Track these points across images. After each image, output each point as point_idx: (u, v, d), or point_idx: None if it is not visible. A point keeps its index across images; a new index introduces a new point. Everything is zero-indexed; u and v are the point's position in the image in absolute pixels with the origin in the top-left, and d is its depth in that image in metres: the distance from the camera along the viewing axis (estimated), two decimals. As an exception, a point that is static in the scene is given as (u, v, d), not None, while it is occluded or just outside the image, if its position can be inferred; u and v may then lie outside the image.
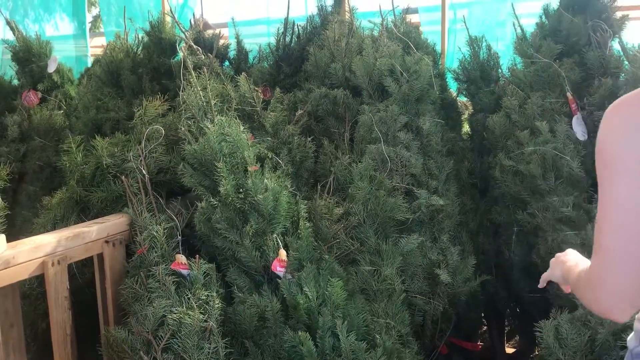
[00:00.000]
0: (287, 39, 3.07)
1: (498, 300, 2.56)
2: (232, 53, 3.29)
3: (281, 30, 3.08)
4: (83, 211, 1.84)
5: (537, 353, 1.98)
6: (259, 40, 3.42)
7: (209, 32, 3.23)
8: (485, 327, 2.82)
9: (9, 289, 1.47)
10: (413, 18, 4.27)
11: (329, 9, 3.14)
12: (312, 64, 2.60)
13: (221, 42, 3.21)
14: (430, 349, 2.20)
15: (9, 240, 1.47)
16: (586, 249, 2.08)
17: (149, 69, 3.12)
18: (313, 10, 3.22)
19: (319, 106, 2.48)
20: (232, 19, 3.22)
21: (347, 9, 3.14)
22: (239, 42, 3.25)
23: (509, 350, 2.87)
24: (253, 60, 3.29)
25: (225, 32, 3.76)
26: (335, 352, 1.61)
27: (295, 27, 3.07)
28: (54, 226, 1.82)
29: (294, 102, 2.57)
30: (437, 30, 4.97)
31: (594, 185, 2.33)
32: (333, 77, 2.55)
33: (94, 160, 1.83)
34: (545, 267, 2.22)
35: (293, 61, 3.01)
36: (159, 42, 3.20)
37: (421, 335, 2.15)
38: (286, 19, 3.08)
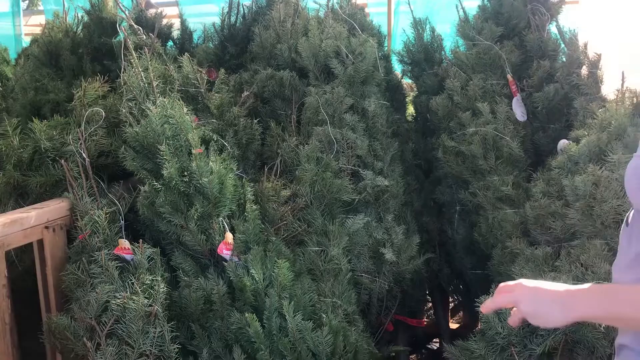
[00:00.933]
0: (232, 18, 3.03)
1: (442, 277, 2.64)
2: (176, 33, 3.22)
3: (226, 9, 3.04)
4: (21, 196, 1.79)
5: (479, 328, 2.05)
6: (208, 19, 3.35)
7: (152, 11, 3.14)
8: (430, 304, 2.91)
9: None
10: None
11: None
12: (258, 45, 2.59)
13: (164, 21, 3.13)
14: (376, 326, 2.25)
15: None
16: (524, 226, 2.17)
17: (90, 49, 3.02)
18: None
19: (265, 88, 2.47)
20: (177, -1, 3.14)
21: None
22: (182, 22, 3.18)
23: (453, 326, 2.96)
24: (198, 40, 3.23)
25: (171, 11, 3.67)
26: (282, 332, 1.63)
27: (241, 6, 3.02)
28: (-11, 212, 1.76)
29: (239, 83, 2.55)
30: (383, 12, 5.02)
31: (532, 165, 2.42)
32: (279, 59, 2.54)
33: (32, 144, 1.78)
34: (486, 244, 2.31)
35: (239, 41, 2.97)
36: (100, 22, 3.10)
37: (367, 314, 2.20)
38: (230, 3, 3.03)
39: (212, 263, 1.74)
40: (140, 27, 2.23)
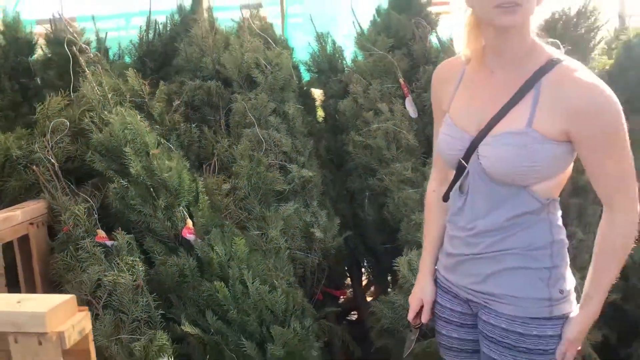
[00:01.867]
0: (150, 36, 3.34)
1: (358, 254, 3.12)
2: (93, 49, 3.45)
3: (144, 27, 3.34)
4: (-5, 201, 2.02)
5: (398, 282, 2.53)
6: (115, 34, 3.60)
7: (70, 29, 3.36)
8: (349, 281, 3.38)
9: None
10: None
11: (187, 7, 3.45)
12: (183, 59, 2.93)
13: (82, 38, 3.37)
14: (309, 296, 2.68)
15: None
16: (422, 203, 2.70)
17: (7, 68, 3.20)
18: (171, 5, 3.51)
19: (195, 97, 2.82)
20: (93, 17, 3.38)
21: (204, 6, 3.47)
22: (99, 39, 3.43)
23: (369, 298, 3.45)
24: (114, 56, 3.48)
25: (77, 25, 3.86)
26: (244, 296, 2.02)
27: (158, 25, 3.34)
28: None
29: (168, 94, 2.87)
30: (277, 24, 5.48)
31: (425, 152, 2.96)
32: (204, 70, 2.90)
33: (2, 153, 2.01)
34: (394, 219, 2.82)
35: (157, 57, 3.29)
36: (15, 41, 3.28)
37: (303, 285, 2.62)
38: (148, 18, 3.34)
39: (177, 245, 2.08)
40: (87, 46, 2.49)
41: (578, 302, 1.41)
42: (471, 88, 1.39)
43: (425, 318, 1.62)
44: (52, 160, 2.02)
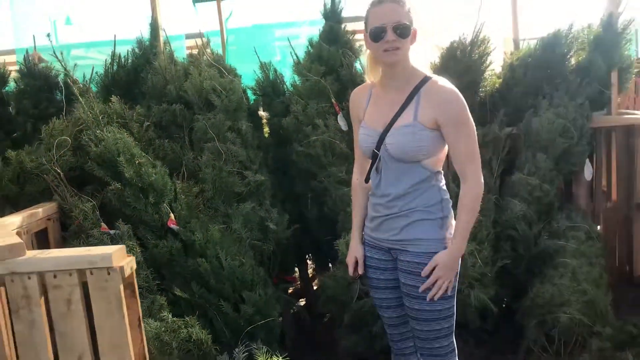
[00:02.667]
0: (114, 67, 3.88)
1: (305, 247, 3.75)
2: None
3: (109, 60, 3.88)
4: (13, 206, 2.52)
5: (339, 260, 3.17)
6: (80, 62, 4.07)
7: (42, 64, 3.85)
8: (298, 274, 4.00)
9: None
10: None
11: (146, 42, 4.01)
12: (150, 87, 3.50)
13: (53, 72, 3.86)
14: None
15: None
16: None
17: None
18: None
19: (162, 118, 3.39)
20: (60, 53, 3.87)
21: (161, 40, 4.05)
22: (67, 73, 3.93)
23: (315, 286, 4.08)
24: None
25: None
26: (220, 269, 2.61)
27: (121, 58, 3.88)
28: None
29: (137, 116, 3.42)
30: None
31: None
32: (169, 96, 3.48)
33: (18, 165, 2.53)
34: (333, 213, 3.47)
35: (122, 85, 3.83)
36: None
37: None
38: (113, 52, 3.88)
39: (164, 234, 2.65)
40: (77, 79, 3.02)
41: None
42: (378, 101, 2.09)
43: (360, 270, 2.27)
44: (58, 170, 2.55)
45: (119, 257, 1.68)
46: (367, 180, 2.19)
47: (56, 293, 1.66)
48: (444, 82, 2.00)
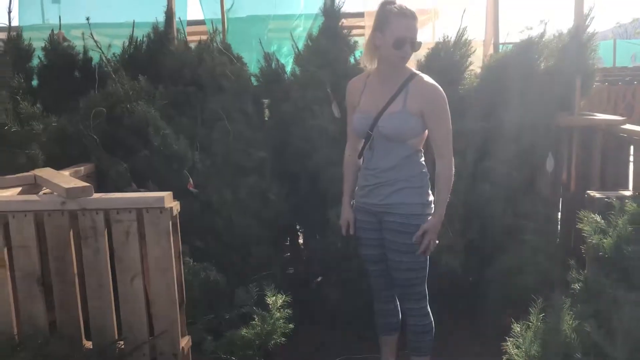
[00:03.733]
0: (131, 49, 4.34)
1: (297, 219, 4.26)
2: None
3: (127, 44, 4.34)
4: (56, 166, 2.99)
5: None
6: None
7: (65, 44, 4.30)
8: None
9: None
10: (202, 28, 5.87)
11: (161, 27, 4.47)
12: (168, 69, 3.96)
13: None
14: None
15: None
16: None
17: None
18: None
19: (178, 98, 3.87)
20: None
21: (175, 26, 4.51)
22: (85, 52, 4.36)
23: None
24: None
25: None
26: (232, 227, 3.10)
27: (139, 41, 4.34)
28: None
29: (159, 95, 3.89)
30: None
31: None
32: (184, 78, 3.95)
33: (61, 130, 3.00)
34: (324, 192, 3.98)
35: (139, 66, 4.29)
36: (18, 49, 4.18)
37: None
38: (131, 35, 4.33)
39: (184, 195, 3.14)
40: (109, 59, 3.48)
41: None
42: (372, 90, 2.60)
43: (352, 230, 2.82)
44: (94, 136, 3.02)
45: (169, 200, 2.18)
46: (359, 156, 2.73)
47: (118, 226, 2.15)
48: (428, 78, 2.58)
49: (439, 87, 2.53)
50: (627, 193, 2.47)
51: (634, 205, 1.67)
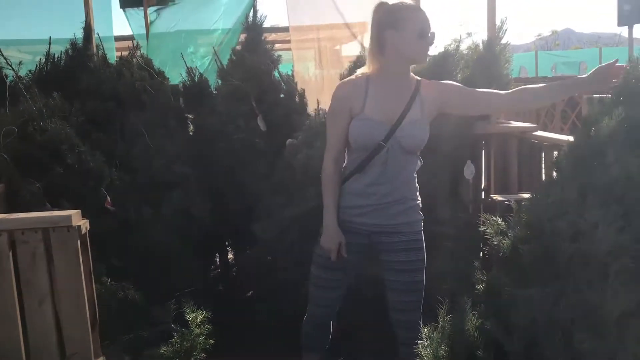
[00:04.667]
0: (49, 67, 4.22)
1: (225, 235, 4.23)
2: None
3: (43, 60, 4.22)
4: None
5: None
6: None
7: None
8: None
9: None
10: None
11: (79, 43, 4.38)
12: (85, 86, 3.88)
13: None
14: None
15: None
16: (270, 189, 3.90)
17: None
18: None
19: (97, 115, 3.79)
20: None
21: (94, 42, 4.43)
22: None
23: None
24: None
25: None
26: (152, 244, 3.05)
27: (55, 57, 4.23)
28: None
29: (74, 111, 3.79)
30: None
31: (275, 153, 4.14)
32: (103, 94, 3.87)
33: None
34: (251, 206, 3.97)
35: (56, 83, 4.18)
36: None
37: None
38: (48, 52, 4.22)
39: (102, 213, 3.07)
40: (21, 76, 3.38)
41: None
42: (380, 95, 2.29)
43: (344, 252, 2.40)
44: (5, 155, 2.92)
45: (77, 218, 2.12)
46: (360, 170, 2.35)
47: (23, 248, 2.08)
48: (426, 80, 2.43)
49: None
50: (526, 196, 2.58)
51: (529, 207, 1.75)
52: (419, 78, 2.40)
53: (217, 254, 4.44)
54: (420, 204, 2.51)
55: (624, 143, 1.62)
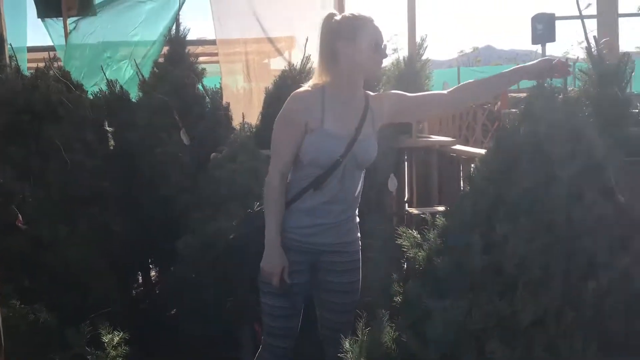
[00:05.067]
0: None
1: (147, 252, 4.10)
2: None
3: (-49, 70, 3.99)
4: None
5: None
6: None
7: None
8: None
9: None
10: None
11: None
12: (-4, 98, 3.69)
13: None
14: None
15: None
16: (194, 202, 3.81)
17: None
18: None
19: (10, 128, 3.60)
20: None
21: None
22: None
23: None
24: None
25: None
26: (68, 262, 2.91)
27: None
28: None
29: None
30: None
31: (197, 167, 4.06)
32: (17, 107, 3.69)
33: None
34: (174, 222, 3.87)
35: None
36: None
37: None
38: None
39: (12, 231, 2.91)
40: None
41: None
42: (338, 108, 2.21)
43: (287, 277, 2.23)
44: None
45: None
46: (317, 187, 2.22)
47: None
48: (371, 93, 2.38)
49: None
50: (441, 209, 2.65)
51: (443, 220, 1.78)
52: (367, 91, 2.35)
53: (140, 272, 4.30)
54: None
55: (531, 158, 1.68)
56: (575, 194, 1.61)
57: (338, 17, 2.23)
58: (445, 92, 2.32)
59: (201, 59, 7.53)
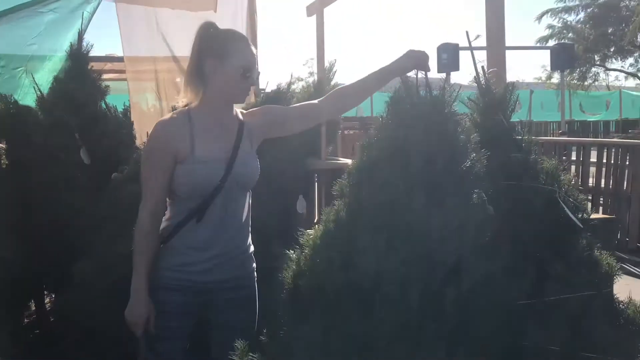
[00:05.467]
0: None
1: (42, 278, 3.85)
2: None
3: None
4: None
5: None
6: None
7: None
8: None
9: None
10: None
11: None
12: None
13: None
14: None
15: None
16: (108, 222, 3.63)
17: None
18: None
19: None
20: None
21: None
22: None
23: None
24: None
25: None
26: None
27: None
28: None
29: None
30: None
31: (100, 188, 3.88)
32: None
33: None
34: (72, 244, 3.66)
35: None
36: None
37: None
38: None
39: None
40: None
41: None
42: (209, 133, 2.03)
43: (152, 325, 2.05)
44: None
45: None
46: (199, 219, 2.03)
47: None
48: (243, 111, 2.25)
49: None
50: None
51: (310, 237, 1.72)
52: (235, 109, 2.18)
53: (32, 300, 4.03)
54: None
55: (391, 167, 1.54)
56: (436, 201, 1.47)
57: (213, 31, 2.04)
58: (316, 101, 2.19)
59: (111, 75, 7.31)
